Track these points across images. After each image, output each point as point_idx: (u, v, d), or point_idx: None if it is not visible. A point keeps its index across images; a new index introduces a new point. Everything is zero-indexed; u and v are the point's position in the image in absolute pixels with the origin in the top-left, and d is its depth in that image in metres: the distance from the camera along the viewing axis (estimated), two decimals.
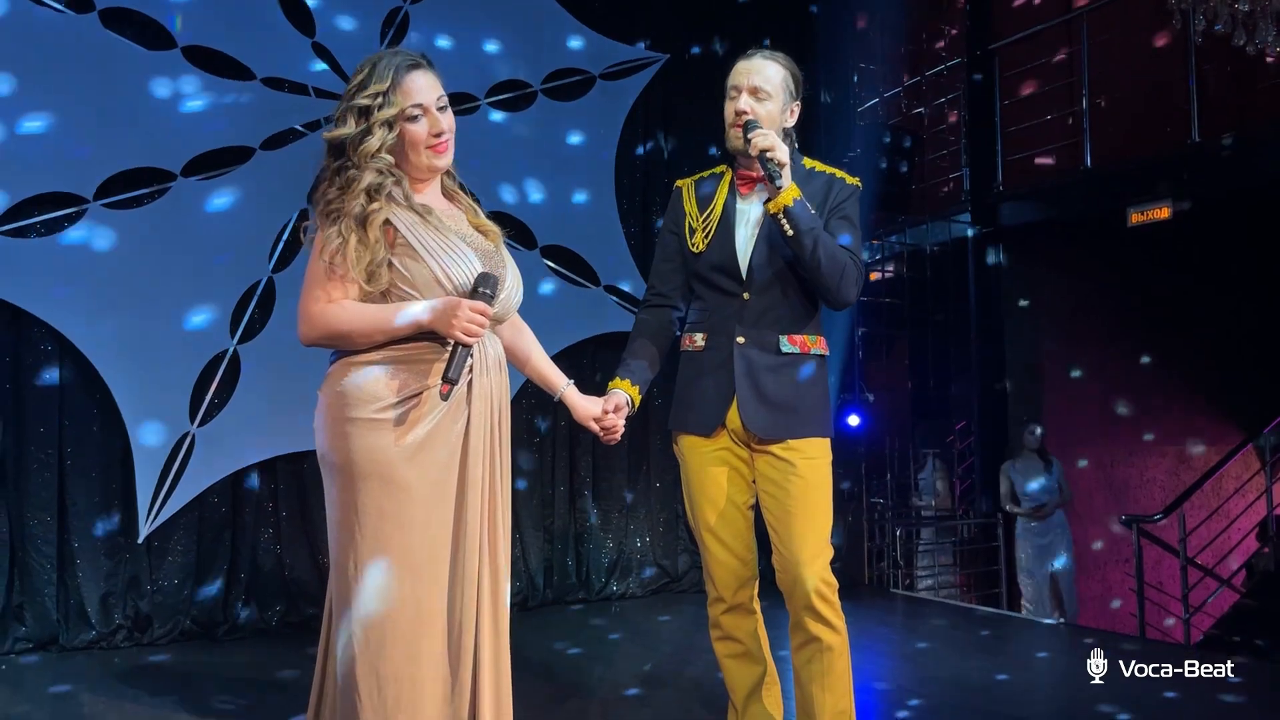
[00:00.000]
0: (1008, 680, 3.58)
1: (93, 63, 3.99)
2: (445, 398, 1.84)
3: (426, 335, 1.90)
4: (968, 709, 3.20)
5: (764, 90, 2.33)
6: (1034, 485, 5.86)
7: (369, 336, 1.88)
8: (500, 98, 4.82)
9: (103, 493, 4.00)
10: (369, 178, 1.92)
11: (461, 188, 2.12)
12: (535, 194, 4.85)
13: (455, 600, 1.88)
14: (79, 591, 3.91)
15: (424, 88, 1.95)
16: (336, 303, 1.88)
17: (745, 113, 2.31)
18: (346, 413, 1.87)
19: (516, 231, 4.77)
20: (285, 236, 4.33)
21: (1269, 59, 5.75)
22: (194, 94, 4.16)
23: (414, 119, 1.95)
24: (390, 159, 1.95)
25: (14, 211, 3.88)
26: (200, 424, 4.15)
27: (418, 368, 1.90)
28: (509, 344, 2.13)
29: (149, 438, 4.06)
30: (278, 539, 4.28)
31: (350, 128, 1.93)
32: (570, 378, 2.28)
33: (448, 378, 1.83)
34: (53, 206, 3.93)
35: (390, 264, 1.90)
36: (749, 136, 2.27)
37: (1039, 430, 6.19)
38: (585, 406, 2.23)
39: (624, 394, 2.32)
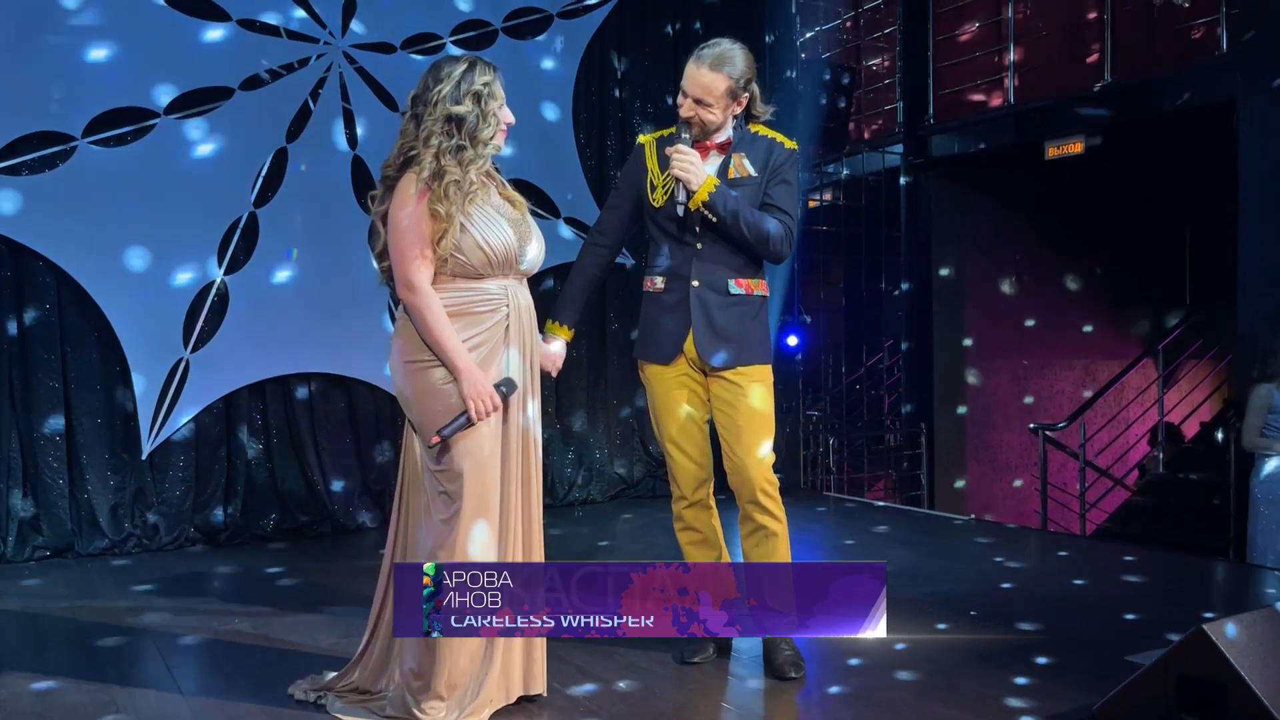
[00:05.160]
0: (924, 565, 4.18)
1: (77, 5, 4.15)
2: (431, 447, 2.34)
3: (474, 293, 2.38)
4: (889, 585, 3.78)
5: (705, 100, 2.70)
6: None
7: (429, 335, 2.34)
8: (463, 36, 5.05)
9: (105, 415, 4.32)
10: (487, 165, 2.40)
11: (495, 168, 2.53)
12: None
13: (504, 494, 2.41)
14: (90, 504, 4.27)
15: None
16: (432, 295, 2.34)
17: (690, 118, 2.70)
18: (411, 356, 2.38)
19: None
20: (264, 172, 4.58)
21: (1185, 3, 6.21)
22: (174, 34, 4.34)
23: (501, 108, 2.42)
24: (500, 144, 2.41)
25: (6, 150, 4.08)
26: (193, 350, 4.46)
27: (468, 319, 2.38)
28: None
29: (146, 364, 4.36)
30: (269, 454, 4.66)
31: (468, 107, 2.35)
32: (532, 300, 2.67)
33: (441, 433, 2.31)
34: (43, 144, 4.14)
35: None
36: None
37: None
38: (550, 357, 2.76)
39: (558, 339, 2.82)
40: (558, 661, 2.91)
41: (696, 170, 2.66)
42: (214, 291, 4.49)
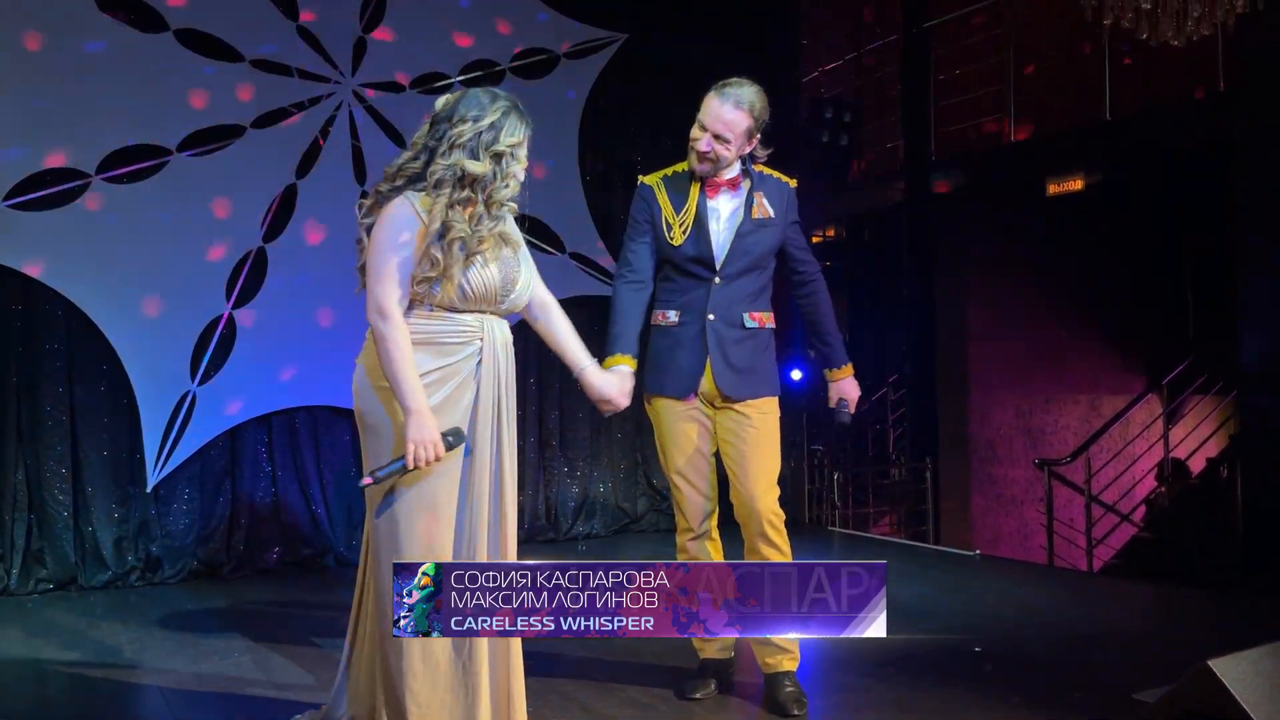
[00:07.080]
0: (931, 600, 4.16)
1: (92, 45, 4.24)
2: (361, 487, 2.22)
3: (447, 323, 2.28)
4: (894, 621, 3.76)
5: (724, 137, 2.74)
6: None
7: (389, 367, 2.21)
8: (471, 75, 5.14)
9: (111, 447, 4.34)
10: (498, 225, 2.29)
11: None
12: None
13: (464, 538, 2.32)
14: (94, 537, 4.28)
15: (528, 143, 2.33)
16: (402, 328, 2.22)
17: (707, 153, 2.74)
18: (379, 381, 2.26)
19: None
20: (274, 208, 4.64)
21: (1175, 43, 6.30)
22: (186, 75, 4.42)
23: (520, 166, 2.32)
24: (515, 206, 2.34)
25: (21, 185, 4.15)
26: (200, 383, 4.49)
27: (436, 349, 2.28)
28: (541, 328, 2.51)
29: (153, 396, 4.39)
30: (273, 487, 4.67)
31: (486, 167, 2.23)
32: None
33: (375, 475, 2.18)
34: (58, 180, 4.21)
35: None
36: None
37: None
38: (600, 388, 2.56)
39: (629, 369, 2.74)
40: (559, 697, 2.90)
41: (849, 395, 3.09)
42: (222, 325, 4.53)
